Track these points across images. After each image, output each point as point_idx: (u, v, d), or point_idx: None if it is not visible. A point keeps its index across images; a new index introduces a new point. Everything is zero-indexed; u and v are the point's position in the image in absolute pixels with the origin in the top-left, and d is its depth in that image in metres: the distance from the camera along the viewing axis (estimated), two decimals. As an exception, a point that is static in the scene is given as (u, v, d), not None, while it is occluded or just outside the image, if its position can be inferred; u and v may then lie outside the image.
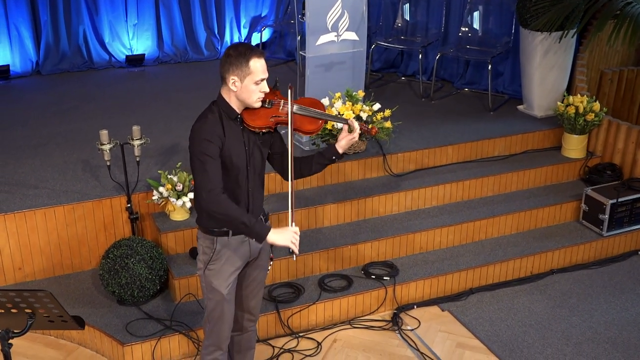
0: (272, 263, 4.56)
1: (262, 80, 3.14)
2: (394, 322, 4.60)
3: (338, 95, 5.30)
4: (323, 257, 4.79)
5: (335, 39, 5.39)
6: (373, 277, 4.75)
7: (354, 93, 5.33)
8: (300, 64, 5.65)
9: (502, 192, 5.59)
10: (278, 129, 3.39)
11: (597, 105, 5.66)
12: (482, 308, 4.74)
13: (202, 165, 3.10)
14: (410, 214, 5.26)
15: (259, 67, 3.10)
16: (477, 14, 6.84)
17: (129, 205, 4.70)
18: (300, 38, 5.78)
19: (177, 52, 7.81)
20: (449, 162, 5.68)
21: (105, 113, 6.27)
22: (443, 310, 4.74)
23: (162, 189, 4.66)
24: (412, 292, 4.77)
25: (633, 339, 4.41)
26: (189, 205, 4.70)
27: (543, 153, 5.93)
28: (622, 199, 5.23)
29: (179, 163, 4.89)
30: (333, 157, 3.34)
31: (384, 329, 4.57)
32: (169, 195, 4.65)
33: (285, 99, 3.29)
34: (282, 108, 3.27)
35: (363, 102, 5.41)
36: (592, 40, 6.20)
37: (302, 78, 5.42)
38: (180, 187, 4.64)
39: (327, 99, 5.29)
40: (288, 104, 3.25)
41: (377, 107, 5.31)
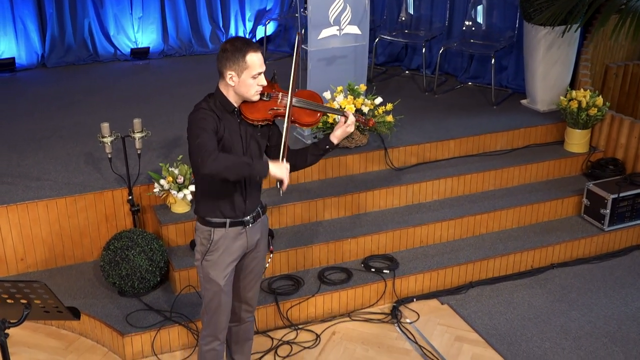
0: (272, 255, 4.62)
1: (259, 74, 3.16)
2: (393, 315, 4.62)
3: (340, 89, 5.31)
4: (323, 249, 4.81)
5: (338, 33, 5.40)
6: (373, 270, 4.76)
7: (356, 87, 5.34)
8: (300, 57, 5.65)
9: (503, 186, 5.59)
10: (276, 122, 3.41)
11: (600, 100, 5.65)
12: (481, 302, 4.75)
13: (197, 139, 3.07)
14: (411, 208, 5.27)
15: (256, 61, 3.12)
16: (481, 8, 6.82)
17: (130, 198, 4.73)
18: (303, 32, 5.78)
19: (182, 45, 7.84)
20: (451, 156, 5.68)
21: (110, 106, 6.31)
22: (442, 304, 4.75)
23: (163, 182, 4.69)
24: (411, 285, 4.78)
25: (632, 334, 4.41)
26: (190, 198, 4.72)
27: (545, 147, 5.92)
28: (623, 194, 5.22)
29: (180, 156, 4.91)
30: (327, 146, 3.35)
31: (383, 322, 4.58)
32: (170, 188, 4.68)
33: (284, 92, 3.31)
34: (280, 101, 3.29)
35: (365, 95, 5.41)
36: (595, 35, 6.19)
37: (304, 71, 5.43)
38: (181, 179, 4.67)
39: (329, 93, 5.30)
40: (287, 97, 3.26)
41: (378, 100, 5.32)
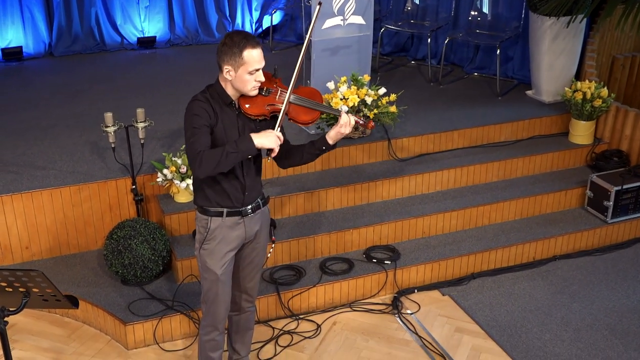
0: (273, 246, 4.64)
1: (256, 71, 3.16)
2: (394, 305, 4.64)
3: (344, 80, 5.31)
4: (325, 240, 4.83)
5: (342, 23, 5.39)
6: (374, 260, 4.78)
7: (360, 77, 5.34)
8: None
9: (507, 177, 5.59)
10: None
11: (604, 91, 5.62)
12: (482, 293, 4.76)
13: (193, 135, 3.14)
14: (414, 199, 5.28)
15: (253, 57, 3.12)
16: (486, -2, 6.81)
17: (134, 187, 4.76)
18: (307, 21, 5.79)
19: (188, 34, 7.85)
20: (455, 147, 5.67)
21: (116, 95, 6.34)
22: (443, 295, 4.77)
23: (166, 171, 4.72)
24: (413, 276, 4.80)
25: (633, 326, 4.41)
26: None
27: (550, 139, 5.90)
28: (627, 186, 5.21)
29: (184, 146, 4.91)
30: (323, 147, 3.34)
31: (384, 313, 4.61)
32: (173, 178, 4.71)
33: (283, 88, 3.31)
34: (278, 97, 3.29)
35: (369, 86, 5.41)
36: (601, 26, 6.15)
37: (307, 61, 5.44)
38: (184, 169, 4.69)
39: (332, 83, 5.30)
40: (286, 93, 3.26)
41: (382, 91, 5.31)
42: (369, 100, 5.23)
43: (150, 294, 4.44)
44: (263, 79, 3.21)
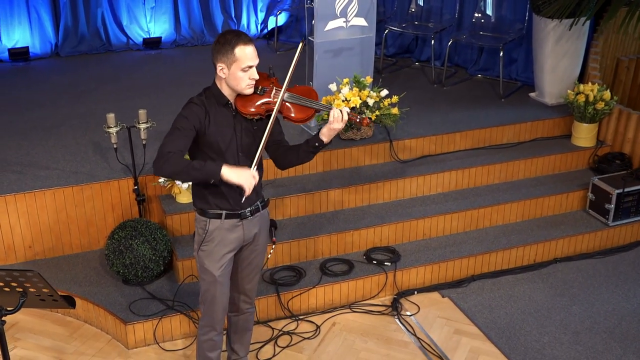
0: (274, 247, 4.66)
1: (249, 68, 3.18)
2: (394, 307, 4.65)
3: (346, 81, 5.32)
4: (325, 241, 4.85)
5: (344, 25, 5.41)
6: (374, 262, 4.80)
7: (362, 79, 5.35)
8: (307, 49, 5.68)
9: (509, 179, 5.59)
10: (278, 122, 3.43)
11: (607, 94, 5.61)
12: (482, 295, 4.77)
13: (171, 134, 3.19)
14: (415, 201, 5.29)
15: (246, 54, 3.15)
16: (490, 0, 6.79)
17: (136, 187, 4.79)
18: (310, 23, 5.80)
19: (194, 35, 7.89)
20: (457, 149, 5.68)
21: (121, 95, 6.38)
22: (443, 297, 4.78)
23: (168, 172, 4.74)
24: (412, 278, 4.81)
25: (632, 330, 4.41)
26: (194, 189, 4.77)
27: (552, 141, 5.90)
28: (628, 189, 5.20)
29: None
30: (317, 144, 3.32)
31: (383, 314, 4.62)
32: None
33: (279, 87, 3.33)
34: (273, 95, 3.31)
35: (371, 88, 5.42)
36: (605, 28, 6.14)
37: (310, 62, 5.46)
38: (186, 170, 4.71)
39: (334, 85, 5.32)
40: (281, 91, 3.29)
41: (384, 93, 5.32)
42: (371, 102, 5.24)
43: (151, 294, 4.47)
44: (257, 77, 3.23)
